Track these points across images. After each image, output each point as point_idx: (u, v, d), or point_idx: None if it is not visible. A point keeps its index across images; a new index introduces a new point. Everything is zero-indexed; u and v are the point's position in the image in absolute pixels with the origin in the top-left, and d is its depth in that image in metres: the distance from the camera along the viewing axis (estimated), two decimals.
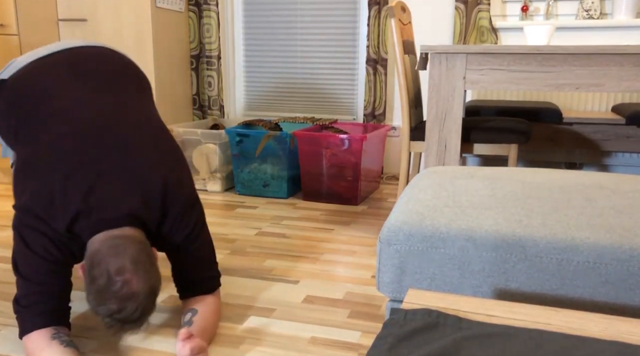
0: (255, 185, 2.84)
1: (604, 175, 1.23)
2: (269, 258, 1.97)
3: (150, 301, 1.18)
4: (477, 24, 3.00)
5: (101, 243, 1.18)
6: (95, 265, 1.16)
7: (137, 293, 1.15)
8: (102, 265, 1.15)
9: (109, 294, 1.13)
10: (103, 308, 1.14)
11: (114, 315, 1.14)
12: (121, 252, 1.16)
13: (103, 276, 1.14)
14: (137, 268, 1.16)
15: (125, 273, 1.14)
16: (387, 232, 1.00)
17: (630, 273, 0.88)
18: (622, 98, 2.94)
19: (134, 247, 1.19)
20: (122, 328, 1.17)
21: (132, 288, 1.14)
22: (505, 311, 0.75)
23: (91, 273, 1.16)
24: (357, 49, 3.32)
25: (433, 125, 1.89)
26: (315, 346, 1.37)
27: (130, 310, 1.15)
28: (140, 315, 1.17)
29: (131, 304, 1.14)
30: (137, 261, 1.17)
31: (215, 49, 3.41)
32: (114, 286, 1.13)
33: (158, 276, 1.22)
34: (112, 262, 1.15)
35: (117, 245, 1.17)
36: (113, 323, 1.16)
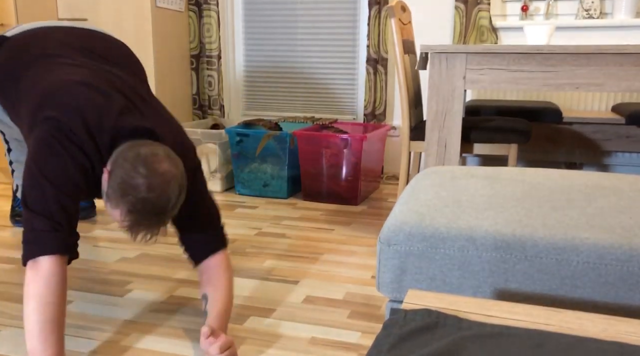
0: (255, 185, 2.84)
1: (604, 175, 1.23)
2: (268, 258, 1.97)
3: (176, 191, 1.15)
4: (477, 24, 3.00)
5: (133, 142, 1.19)
6: (130, 148, 1.15)
7: (168, 172, 1.13)
8: (136, 148, 1.15)
9: (141, 167, 1.11)
10: (130, 184, 1.10)
11: (139, 194, 1.10)
12: (153, 145, 1.18)
13: (139, 156, 1.13)
14: (169, 156, 1.17)
15: (159, 155, 1.15)
16: (387, 232, 1.00)
17: (630, 274, 0.88)
18: (622, 98, 2.94)
19: (166, 147, 1.21)
20: (141, 217, 1.13)
21: (163, 166, 1.14)
22: (505, 311, 0.75)
23: (125, 155, 1.14)
24: (357, 48, 3.32)
25: (433, 125, 1.89)
26: (315, 346, 1.37)
27: (158, 190, 1.11)
28: (164, 204, 1.13)
29: (160, 182, 1.12)
30: (168, 153, 1.18)
31: (216, 48, 3.41)
32: (147, 160, 1.12)
33: (185, 175, 1.21)
34: (144, 148, 1.16)
35: (149, 142, 1.19)
36: (137, 208, 1.11)
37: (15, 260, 1.94)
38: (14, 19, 2.88)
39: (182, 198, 1.19)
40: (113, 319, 1.51)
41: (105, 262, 1.93)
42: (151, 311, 1.56)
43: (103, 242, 2.14)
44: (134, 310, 1.57)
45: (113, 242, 2.14)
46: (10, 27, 2.88)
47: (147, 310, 1.57)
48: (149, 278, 1.79)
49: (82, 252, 2.03)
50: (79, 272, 1.84)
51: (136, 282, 1.76)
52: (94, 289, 1.71)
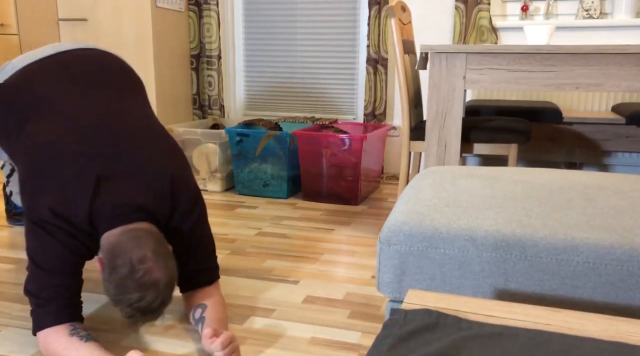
0: (255, 185, 2.84)
1: (604, 175, 1.23)
2: (269, 258, 1.97)
3: (168, 290, 1.21)
4: (477, 24, 3.00)
5: (121, 236, 1.22)
6: (117, 255, 1.19)
7: (157, 281, 1.18)
8: (124, 254, 1.18)
9: (130, 282, 1.16)
10: (124, 297, 1.17)
11: (134, 304, 1.17)
12: (143, 243, 1.20)
13: (125, 265, 1.17)
14: (157, 259, 1.20)
15: (147, 262, 1.18)
16: (387, 232, 1.00)
17: (630, 274, 0.88)
18: (622, 98, 2.94)
19: (153, 239, 1.23)
20: (141, 317, 1.20)
21: (153, 276, 1.18)
22: (505, 311, 0.75)
23: (113, 263, 1.18)
24: (357, 48, 3.32)
25: (433, 125, 1.89)
26: (315, 346, 1.37)
27: (150, 299, 1.18)
28: (159, 304, 1.20)
29: (152, 293, 1.18)
30: (157, 252, 1.21)
31: (216, 48, 3.41)
32: (136, 274, 1.16)
33: (175, 268, 1.26)
34: (134, 252, 1.18)
35: (138, 237, 1.21)
36: (133, 313, 1.19)
37: (15, 259, 1.94)
38: (14, 19, 2.88)
39: (173, 289, 1.24)
40: (113, 319, 1.51)
41: None
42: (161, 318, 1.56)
43: None
44: None
45: None
46: (9, 27, 2.88)
47: None
48: None
49: None
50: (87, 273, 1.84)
51: None
52: (94, 289, 1.70)
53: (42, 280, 1.24)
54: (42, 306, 1.25)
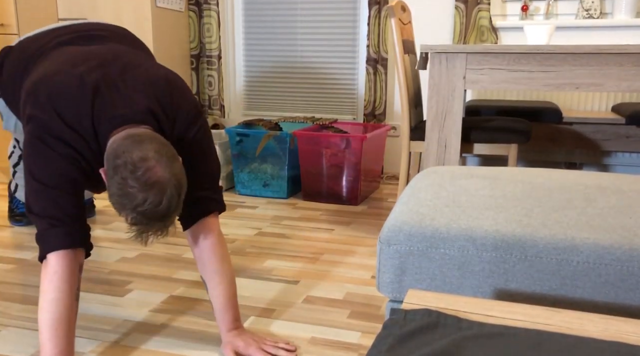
0: (255, 185, 2.84)
1: (604, 175, 1.23)
2: (269, 258, 1.97)
3: (175, 193, 1.13)
4: (477, 24, 3.00)
5: (123, 139, 1.15)
6: (119, 155, 1.12)
7: (161, 180, 1.11)
8: (125, 154, 1.12)
9: (132, 181, 1.09)
10: (127, 199, 1.10)
11: (138, 207, 1.10)
12: (144, 143, 1.13)
13: (126, 165, 1.10)
14: (160, 158, 1.13)
15: (148, 160, 1.11)
16: (387, 232, 1.00)
17: (630, 274, 0.88)
18: (622, 98, 2.94)
19: (157, 141, 1.16)
20: (148, 225, 1.13)
21: (156, 174, 1.11)
22: (505, 311, 0.75)
23: (114, 163, 1.12)
24: (357, 48, 3.32)
25: (433, 125, 1.89)
26: (315, 346, 1.37)
27: (155, 201, 1.10)
28: (166, 210, 1.12)
29: (156, 193, 1.10)
30: (160, 152, 1.14)
31: (216, 48, 3.41)
32: (138, 172, 1.09)
33: (183, 172, 1.18)
34: (135, 151, 1.12)
35: (139, 139, 1.14)
36: (138, 219, 1.11)
37: (15, 260, 1.94)
38: (14, 19, 2.88)
39: (182, 196, 1.17)
40: (113, 319, 1.51)
41: (105, 262, 1.93)
42: (151, 311, 1.56)
43: (103, 242, 2.14)
44: (134, 310, 1.57)
45: (113, 242, 2.14)
46: (9, 27, 2.88)
47: (147, 310, 1.57)
48: (149, 278, 1.79)
49: None
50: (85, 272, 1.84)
51: (136, 282, 1.76)
52: (94, 289, 1.71)
53: (47, 198, 1.17)
54: (52, 226, 1.17)
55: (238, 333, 1.34)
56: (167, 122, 1.28)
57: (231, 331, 1.34)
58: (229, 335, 1.34)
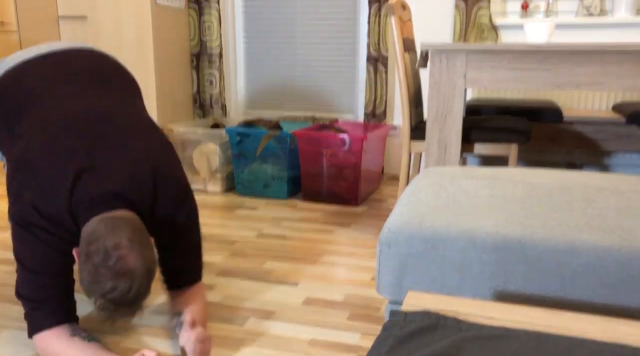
0: (255, 185, 2.83)
1: (604, 175, 1.22)
2: (268, 260, 1.97)
3: (145, 281, 1.16)
4: (477, 22, 2.99)
5: (97, 223, 1.17)
6: (92, 241, 1.14)
7: (132, 270, 1.13)
8: (98, 241, 1.13)
9: (104, 269, 1.11)
10: (97, 286, 1.12)
11: (107, 294, 1.12)
12: (118, 230, 1.15)
13: (99, 252, 1.12)
14: (133, 246, 1.14)
15: (121, 249, 1.13)
16: (387, 233, 1.00)
17: (630, 276, 0.87)
18: (622, 97, 2.93)
19: (130, 226, 1.18)
20: (115, 310, 1.15)
21: (127, 264, 1.13)
22: (504, 313, 0.75)
23: (87, 249, 1.14)
24: (357, 47, 3.32)
25: (433, 125, 1.89)
26: (314, 348, 1.37)
27: (124, 289, 1.12)
28: (134, 297, 1.14)
29: (125, 282, 1.12)
30: (133, 239, 1.16)
31: (217, 46, 3.40)
32: (109, 261, 1.11)
33: (154, 258, 1.20)
34: (108, 238, 1.13)
35: (113, 224, 1.16)
36: (106, 305, 1.14)
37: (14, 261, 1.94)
38: (14, 18, 2.88)
39: (152, 281, 1.20)
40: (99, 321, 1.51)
41: None
42: (151, 311, 1.56)
43: None
44: None
45: None
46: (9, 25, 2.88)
47: (147, 310, 1.57)
48: None
49: None
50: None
51: None
52: None
53: (33, 282, 1.23)
54: (37, 308, 1.24)
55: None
56: (143, 205, 1.29)
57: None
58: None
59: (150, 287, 1.19)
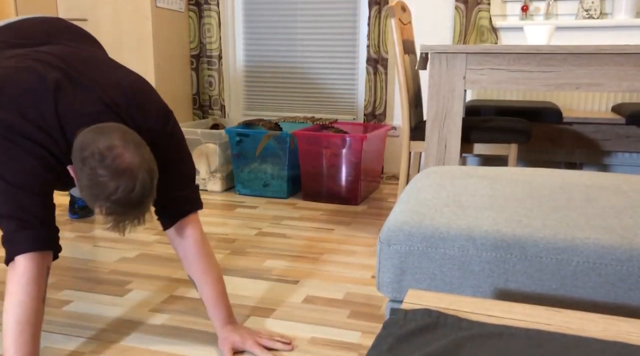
0: (255, 185, 2.84)
1: (604, 175, 1.23)
2: (269, 258, 1.97)
3: (147, 178, 1.11)
4: (477, 24, 3.00)
5: (86, 133, 1.12)
6: (85, 148, 1.10)
7: (130, 165, 1.09)
8: (91, 146, 1.09)
9: (102, 170, 1.07)
10: (98, 189, 1.08)
11: (111, 196, 1.08)
12: (108, 133, 1.11)
13: (94, 155, 1.08)
14: (126, 144, 1.10)
15: (116, 148, 1.09)
16: (387, 232, 1.00)
17: (630, 274, 0.88)
18: (622, 98, 2.94)
19: (121, 130, 1.14)
20: (123, 214, 1.11)
21: (125, 160, 1.09)
22: (505, 311, 0.75)
23: (81, 156, 1.09)
24: (357, 48, 3.32)
25: (433, 125, 1.89)
26: (315, 346, 1.37)
27: (127, 187, 1.08)
28: (140, 195, 1.10)
29: (127, 179, 1.08)
30: (126, 139, 1.11)
31: (216, 48, 3.41)
32: (106, 160, 1.07)
33: (152, 157, 1.15)
34: (100, 141, 1.09)
35: (102, 129, 1.12)
36: (113, 209, 1.09)
37: None
38: None
39: (155, 181, 1.15)
40: (113, 319, 1.51)
41: (105, 262, 1.93)
42: (151, 311, 1.56)
43: (103, 242, 2.14)
44: (134, 310, 1.57)
45: (113, 241, 2.14)
46: None
47: (147, 310, 1.57)
48: (149, 278, 1.79)
49: (82, 252, 2.03)
50: (79, 272, 1.84)
51: (136, 282, 1.76)
52: (94, 289, 1.70)
53: (15, 199, 1.13)
54: (20, 228, 1.14)
55: (233, 328, 1.35)
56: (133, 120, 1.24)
57: (226, 327, 1.35)
58: (225, 331, 1.35)
59: (154, 186, 1.14)
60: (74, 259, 1.96)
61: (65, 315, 1.54)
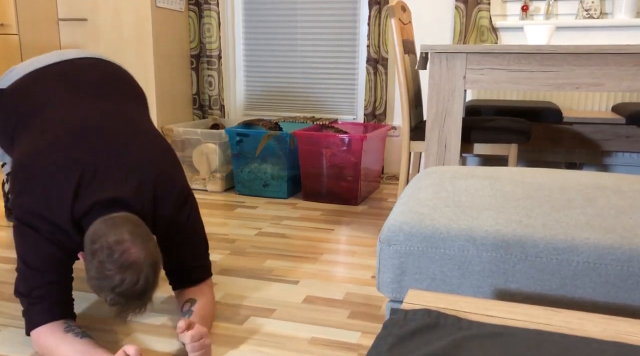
0: (255, 185, 2.84)
1: (604, 175, 1.23)
2: (268, 258, 1.97)
3: (151, 272, 1.18)
4: (477, 24, 3.00)
5: (99, 223, 1.21)
6: (95, 241, 1.17)
7: (137, 261, 1.16)
8: (101, 239, 1.17)
9: (109, 264, 1.14)
10: (105, 281, 1.15)
11: (116, 288, 1.15)
12: (117, 227, 1.19)
13: (103, 249, 1.16)
14: (134, 239, 1.18)
15: (124, 243, 1.16)
16: (387, 232, 1.00)
17: (630, 274, 0.87)
18: (622, 98, 2.94)
19: (131, 222, 1.21)
20: (126, 305, 1.18)
21: (131, 256, 1.16)
22: (505, 311, 0.75)
23: (91, 248, 1.17)
24: (357, 48, 3.32)
25: (433, 125, 1.89)
26: (315, 346, 1.37)
27: (132, 281, 1.15)
28: (143, 288, 1.17)
29: (132, 274, 1.15)
30: (133, 232, 1.19)
31: (216, 48, 3.41)
32: (114, 256, 1.15)
33: (157, 250, 1.23)
34: (110, 235, 1.17)
35: (114, 222, 1.20)
36: (116, 300, 1.16)
37: (14, 259, 1.94)
38: (14, 19, 2.88)
39: (159, 273, 1.23)
40: (113, 319, 1.51)
41: None
42: (151, 311, 1.56)
43: None
44: None
45: None
46: (9, 27, 2.88)
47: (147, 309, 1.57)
48: None
49: None
50: (79, 272, 1.84)
51: None
52: None
53: (32, 279, 1.25)
54: (35, 304, 1.25)
55: None
56: (144, 208, 1.32)
57: None
58: None
59: (157, 279, 1.21)
60: None
61: None
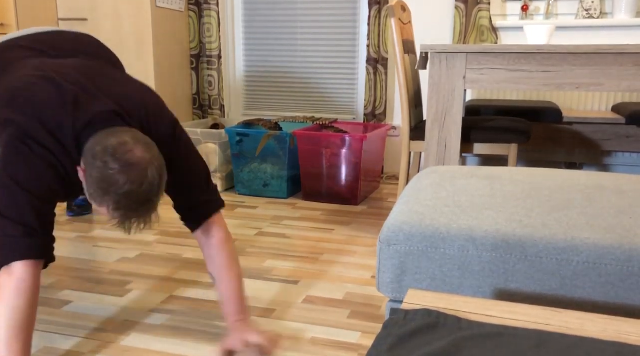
0: (255, 185, 2.84)
1: (604, 175, 1.23)
2: (269, 258, 1.97)
3: (157, 176, 1.12)
4: (477, 24, 3.00)
5: (98, 135, 1.15)
6: (96, 145, 1.12)
7: (141, 160, 1.10)
8: (103, 142, 1.11)
9: (112, 164, 1.09)
10: (107, 182, 1.08)
11: (119, 189, 1.08)
12: (119, 133, 1.13)
13: (106, 150, 1.10)
14: (137, 142, 1.13)
15: (127, 144, 1.11)
16: (387, 232, 1.00)
17: (630, 274, 0.87)
18: (622, 98, 2.94)
19: (132, 130, 1.16)
20: (130, 210, 1.11)
21: (135, 155, 1.10)
22: (505, 311, 0.75)
23: (93, 152, 1.11)
24: (357, 48, 3.32)
25: (433, 125, 1.89)
26: (315, 346, 1.37)
27: (137, 181, 1.09)
28: (148, 192, 1.11)
29: (137, 173, 1.09)
30: (136, 138, 1.14)
31: (216, 48, 3.41)
32: (117, 155, 1.09)
33: (161, 155, 1.17)
34: (112, 139, 1.12)
35: (115, 130, 1.15)
36: (120, 203, 1.10)
37: None
38: (14, 19, 2.88)
39: (164, 179, 1.17)
40: (113, 319, 1.51)
41: (105, 262, 1.93)
42: (151, 311, 1.56)
43: (103, 241, 2.14)
44: (134, 310, 1.57)
45: (113, 242, 2.14)
46: (9, 27, 2.88)
47: (147, 310, 1.57)
48: (149, 278, 1.79)
49: (82, 252, 2.03)
50: (79, 272, 1.84)
51: (136, 282, 1.76)
52: (94, 289, 1.71)
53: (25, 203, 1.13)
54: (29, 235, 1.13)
55: (236, 326, 1.34)
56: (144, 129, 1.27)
57: (232, 324, 1.35)
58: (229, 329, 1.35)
59: (162, 186, 1.15)
60: (74, 259, 1.96)
61: (65, 315, 1.54)
